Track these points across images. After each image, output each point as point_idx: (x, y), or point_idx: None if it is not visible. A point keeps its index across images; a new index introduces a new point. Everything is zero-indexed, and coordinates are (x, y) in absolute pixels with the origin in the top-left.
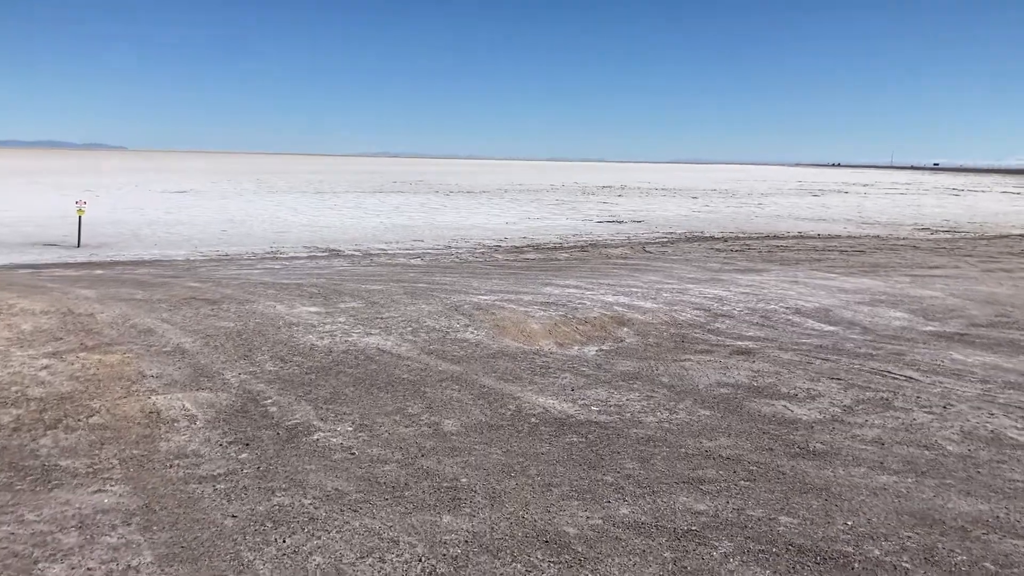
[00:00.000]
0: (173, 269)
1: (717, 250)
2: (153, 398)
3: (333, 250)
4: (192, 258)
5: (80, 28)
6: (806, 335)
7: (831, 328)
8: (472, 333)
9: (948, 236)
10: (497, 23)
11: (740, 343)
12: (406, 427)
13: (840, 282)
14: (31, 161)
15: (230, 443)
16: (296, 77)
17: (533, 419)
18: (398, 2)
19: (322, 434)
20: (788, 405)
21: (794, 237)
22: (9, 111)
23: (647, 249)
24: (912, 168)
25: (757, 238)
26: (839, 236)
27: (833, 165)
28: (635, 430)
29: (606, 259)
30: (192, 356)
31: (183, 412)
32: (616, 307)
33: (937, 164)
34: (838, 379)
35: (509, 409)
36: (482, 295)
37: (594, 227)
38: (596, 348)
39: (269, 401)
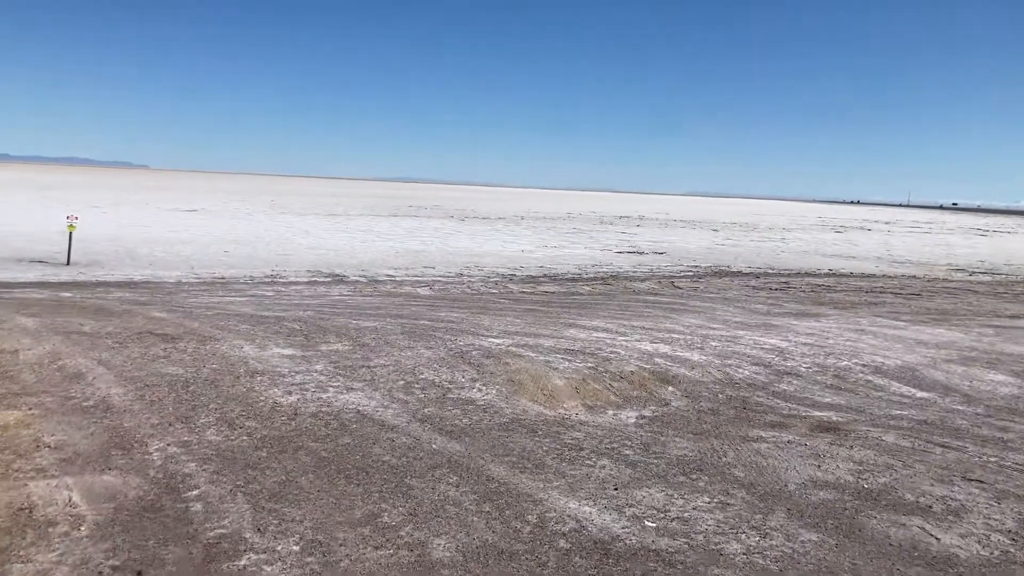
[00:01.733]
0: (152, 293)
1: (755, 288)
2: (32, 485)
3: (337, 275)
4: (183, 280)
5: (109, 48)
6: (898, 404)
7: (925, 395)
8: (480, 391)
9: (988, 279)
10: (516, 52)
11: (818, 413)
12: (377, 549)
13: (913, 332)
14: (48, 176)
15: (114, 570)
16: (320, 102)
17: (562, 542)
18: (421, 31)
19: (254, 557)
20: (926, 526)
21: (828, 275)
22: (35, 128)
23: (676, 285)
24: (930, 207)
25: (790, 275)
26: (875, 275)
27: (852, 202)
28: (716, 571)
29: (634, 295)
30: (116, 415)
31: (67, 511)
32: (657, 359)
33: (956, 204)
34: (978, 480)
35: (528, 522)
36: (494, 337)
37: (614, 258)
38: (636, 414)
39: (194, 493)
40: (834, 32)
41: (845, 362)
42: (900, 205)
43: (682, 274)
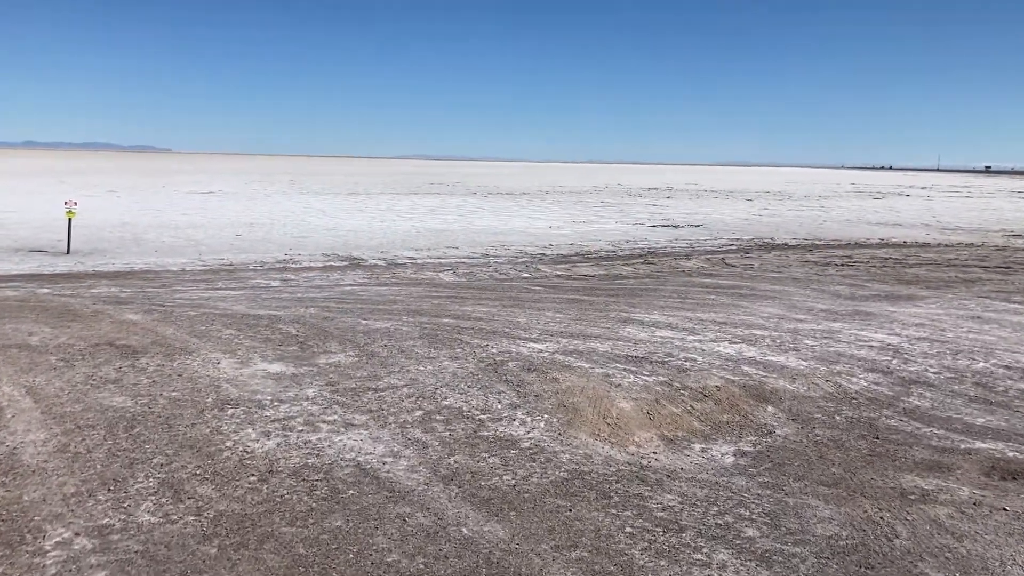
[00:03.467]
0: (142, 286)
1: (817, 264)
2: None
3: (354, 259)
4: (187, 268)
5: (132, 33)
6: None
7: None
8: (524, 423)
9: None
10: (536, 26)
11: (982, 444)
12: None
13: None
14: (70, 162)
15: None
16: (342, 81)
17: None
18: (439, 5)
19: None
20: None
21: (883, 245)
22: (59, 113)
23: (728, 262)
24: (963, 171)
25: (845, 247)
26: (931, 244)
27: (882, 168)
28: None
29: (686, 276)
30: (19, 480)
31: None
32: (744, 366)
33: (989, 167)
34: None
35: None
36: (534, 341)
37: (648, 232)
38: (732, 449)
39: None
40: None
41: (981, 363)
42: (931, 169)
43: (726, 248)
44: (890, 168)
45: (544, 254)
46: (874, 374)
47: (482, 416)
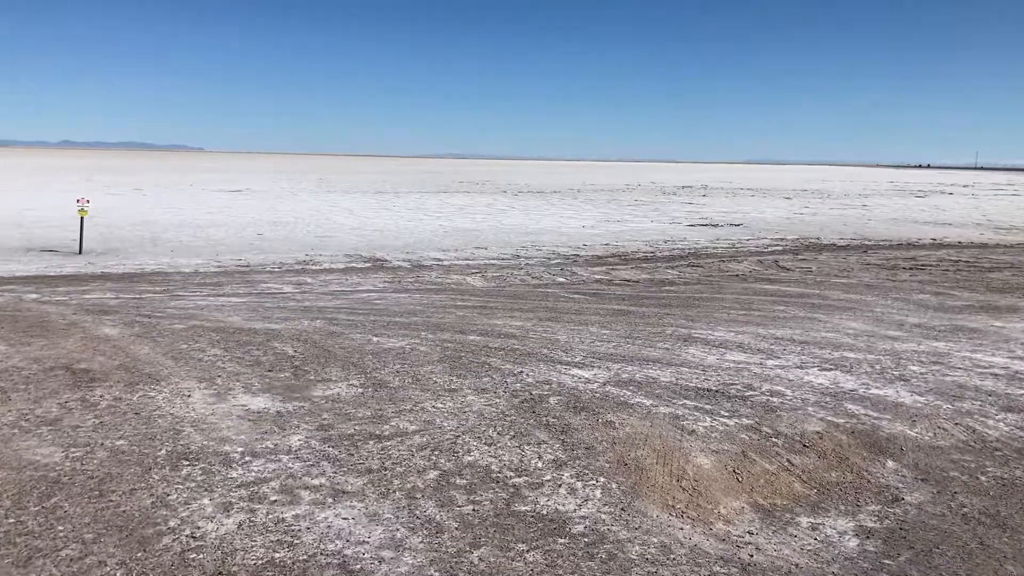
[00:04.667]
0: (144, 289)
1: (883, 268)
2: None
3: (378, 260)
4: (200, 270)
5: (168, 34)
6: None
7: None
8: (573, 493)
9: None
10: (566, 26)
11: None
12: None
13: None
14: (103, 161)
15: None
16: (374, 80)
17: None
18: (471, 4)
19: None
20: None
21: (940, 245)
22: (96, 114)
23: (781, 264)
24: (1003, 169)
25: (900, 247)
26: (990, 245)
27: (920, 166)
28: None
29: (741, 282)
30: None
31: None
32: (846, 403)
33: None
34: None
35: None
36: (579, 367)
37: (686, 231)
38: (852, 525)
39: None
40: None
41: None
42: (969, 167)
43: (772, 249)
44: (928, 166)
45: (578, 255)
46: (1014, 414)
47: (517, 480)
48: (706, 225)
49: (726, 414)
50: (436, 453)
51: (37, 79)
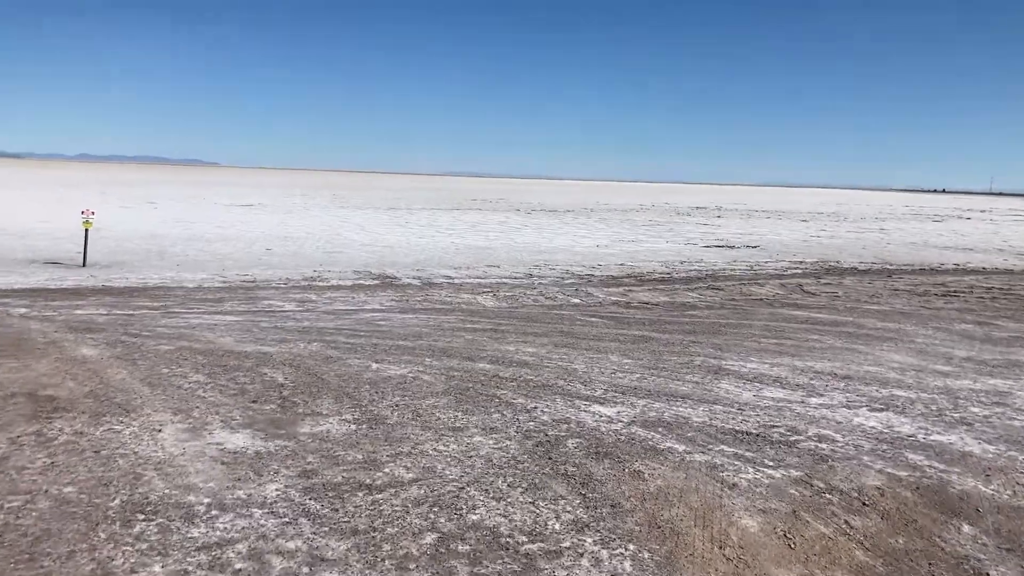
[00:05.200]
0: (140, 305)
1: (913, 293)
2: None
3: (387, 277)
4: (204, 284)
5: (185, 49)
6: None
7: None
8: (597, 566)
9: None
10: (576, 50)
11: None
12: None
13: None
14: (117, 174)
15: None
16: (389, 97)
17: None
18: (480, 26)
19: None
20: None
21: (964, 271)
22: (113, 128)
23: (806, 289)
24: (1018, 195)
25: (923, 272)
26: (1016, 271)
27: (935, 191)
28: None
29: (768, 307)
30: None
31: None
32: (906, 451)
33: None
34: None
35: None
36: (600, 403)
37: (702, 252)
38: None
39: None
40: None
41: None
42: (984, 193)
43: (792, 272)
44: (943, 191)
45: (592, 275)
46: None
47: (530, 546)
48: (722, 246)
49: (771, 463)
50: (435, 510)
51: (55, 93)
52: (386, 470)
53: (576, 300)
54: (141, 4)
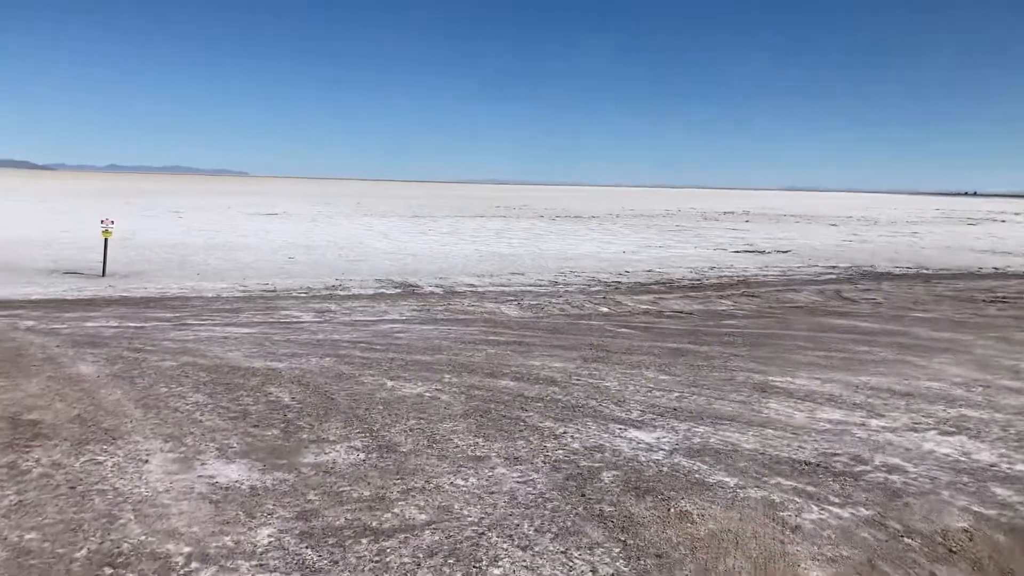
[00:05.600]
0: (153, 316)
1: (957, 299)
2: None
3: (409, 286)
4: (222, 295)
5: (212, 61)
6: None
7: None
8: None
9: None
10: (597, 58)
11: None
12: None
13: None
14: (144, 184)
15: None
16: (412, 105)
17: None
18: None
19: None
20: None
21: (1003, 275)
22: (142, 138)
23: (844, 295)
24: None
25: (962, 277)
26: None
27: (967, 193)
28: None
29: (808, 316)
30: None
31: None
32: (991, 485)
33: None
34: None
35: None
36: (636, 427)
37: (732, 258)
38: None
39: None
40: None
41: None
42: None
43: (826, 277)
44: (975, 194)
45: (620, 282)
46: None
47: None
48: (753, 251)
49: (836, 500)
50: (451, 562)
51: (85, 104)
52: (396, 510)
53: (604, 309)
54: (167, 15)
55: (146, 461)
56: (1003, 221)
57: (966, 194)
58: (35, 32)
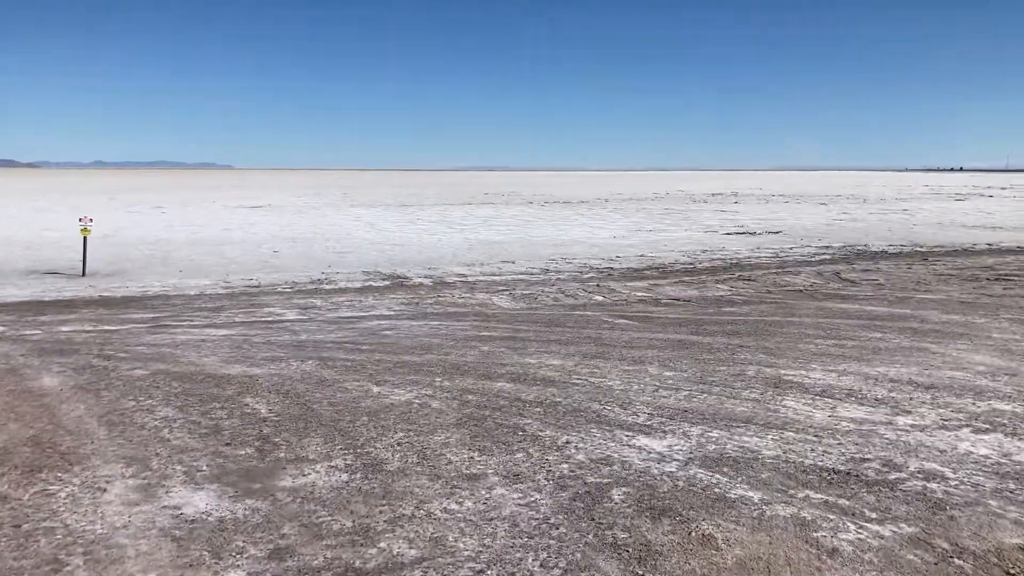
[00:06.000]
0: (130, 317)
1: (959, 278)
2: None
3: (397, 277)
4: (206, 292)
5: (197, 54)
6: None
7: None
8: None
9: None
10: (579, 42)
11: None
12: None
13: None
14: (128, 180)
15: None
16: (397, 94)
17: None
18: (493, 24)
19: None
20: None
21: (997, 251)
22: (127, 134)
23: (843, 276)
24: None
25: (960, 253)
26: None
27: (953, 169)
28: None
29: (810, 299)
30: None
31: None
32: None
33: None
34: None
35: None
36: (645, 432)
37: (724, 240)
38: None
39: None
40: None
41: None
42: (1001, 170)
43: (821, 258)
44: (960, 169)
45: (612, 268)
46: None
47: None
48: (744, 233)
49: (874, 515)
50: None
51: (69, 101)
52: (382, 544)
53: (599, 297)
54: (151, 9)
55: (104, 490)
56: (990, 196)
57: (952, 170)
58: (17, 28)
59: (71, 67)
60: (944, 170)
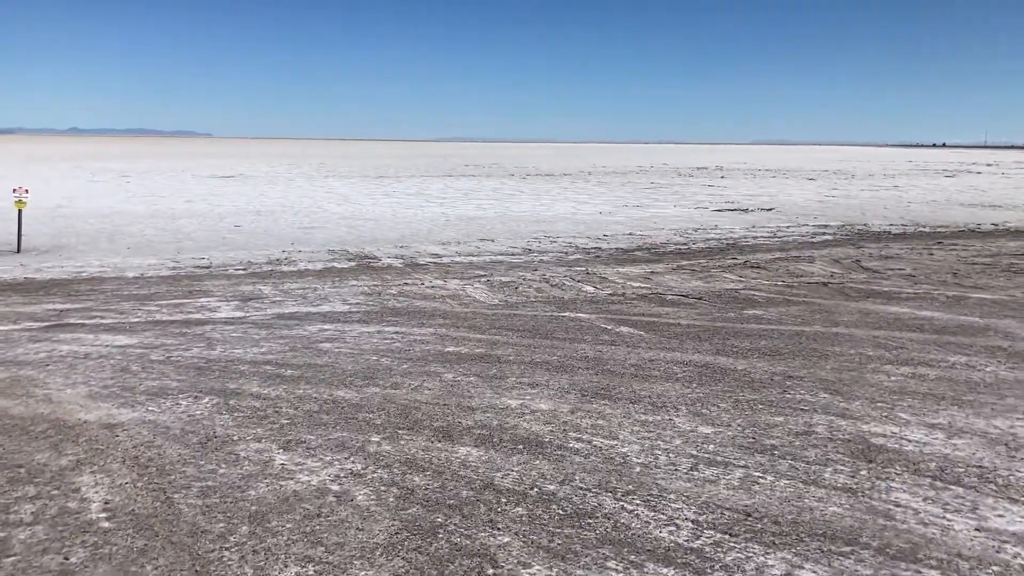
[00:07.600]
0: (35, 311)
1: (992, 267)
2: None
3: (364, 257)
4: (147, 274)
5: (176, 20)
6: None
7: None
8: None
9: None
10: (565, 10)
11: None
12: None
13: None
14: (102, 147)
15: None
16: (383, 64)
17: None
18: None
19: None
20: None
21: (1009, 234)
22: (105, 101)
23: (865, 266)
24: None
25: (973, 235)
26: None
27: (935, 145)
28: None
29: (840, 297)
30: None
31: None
32: None
33: None
34: None
35: None
36: (691, 571)
37: (715, 218)
38: None
39: None
40: None
41: None
42: (980, 146)
43: (821, 239)
44: (943, 145)
45: (600, 248)
46: None
47: None
48: (735, 210)
49: None
50: None
51: (46, 66)
52: None
53: (589, 288)
54: None
55: None
56: (979, 173)
57: (934, 146)
58: None
59: (48, 31)
60: (926, 146)
